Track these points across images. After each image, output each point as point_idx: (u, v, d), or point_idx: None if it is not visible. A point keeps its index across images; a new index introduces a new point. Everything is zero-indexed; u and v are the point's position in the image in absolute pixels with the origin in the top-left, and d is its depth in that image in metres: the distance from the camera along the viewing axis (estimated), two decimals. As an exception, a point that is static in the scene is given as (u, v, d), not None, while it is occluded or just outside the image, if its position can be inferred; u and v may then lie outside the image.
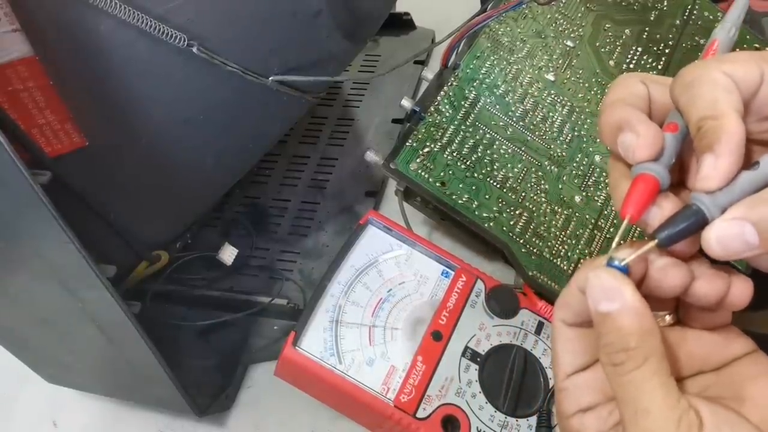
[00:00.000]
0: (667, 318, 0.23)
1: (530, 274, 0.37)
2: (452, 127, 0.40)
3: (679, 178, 0.23)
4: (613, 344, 0.20)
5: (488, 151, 0.39)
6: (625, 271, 0.21)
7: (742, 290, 0.22)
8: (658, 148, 0.21)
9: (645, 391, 0.20)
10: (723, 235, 0.19)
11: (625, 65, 0.45)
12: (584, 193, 0.40)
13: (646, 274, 0.21)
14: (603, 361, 0.21)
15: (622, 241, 0.22)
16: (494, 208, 0.38)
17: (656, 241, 0.21)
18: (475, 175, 0.39)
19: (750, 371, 0.22)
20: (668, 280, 0.21)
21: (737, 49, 0.31)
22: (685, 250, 0.22)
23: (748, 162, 0.20)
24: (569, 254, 0.38)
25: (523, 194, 0.39)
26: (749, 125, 0.21)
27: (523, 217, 0.38)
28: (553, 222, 0.39)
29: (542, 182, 0.40)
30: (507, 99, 0.42)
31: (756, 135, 0.22)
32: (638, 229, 0.38)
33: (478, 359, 0.33)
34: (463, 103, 0.40)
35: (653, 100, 0.23)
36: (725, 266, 0.22)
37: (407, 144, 0.38)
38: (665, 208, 0.21)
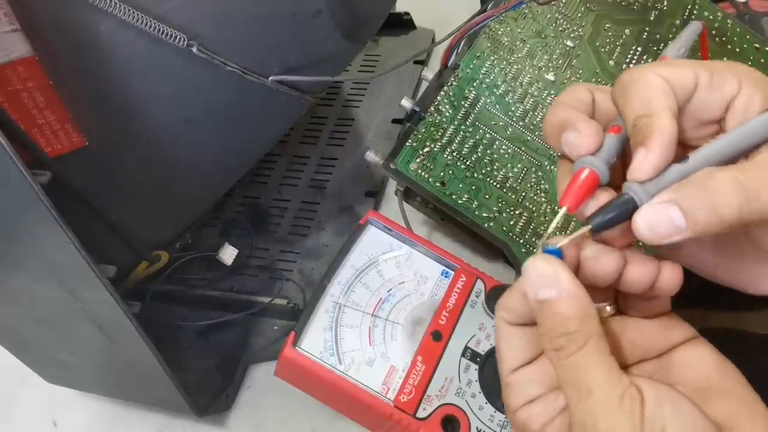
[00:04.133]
0: (608, 309, 0.24)
1: (530, 274, 0.37)
2: (452, 127, 0.40)
3: (621, 181, 0.24)
4: (553, 330, 0.21)
5: (488, 151, 0.39)
6: (559, 254, 0.21)
7: (671, 274, 0.22)
8: (598, 144, 0.22)
9: (588, 371, 0.20)
10: (651, 218, 0.20)
11: (625, 65, 0.45)
12: (584, 193, 0.40)
13: (579, 264, 0.22)
14: (545, 347, 0.21)
15: (555, 233, 0.22)
16: (494, 208, 0.38)
17: (589, 226, 0.21)
18: (475, 175, 0.39)
19: (690, 357, 0.23)
20: (601, 267, 0.22)
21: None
22: (618, 241, 0.22)
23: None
24: (569, 254, 0.38)
25: (523, 194, 0.39)
26: (687, 132, 0.22)
27: (523, 217, 0.38)
28: (553, 222, 0.39)
29: (542, 182, 0.40)
30: (507, 99, 0.42)
31: (694, 141, 0.22)
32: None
33: (478, 359, 0.33)
34: (463, 103, 0.40)
35: (598, 106, 0.24)
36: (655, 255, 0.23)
37: (407, 144, 0.38)
38: (603, 201, 0.22)
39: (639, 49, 0.45)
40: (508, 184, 0.39)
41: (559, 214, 0.22)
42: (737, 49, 0.46)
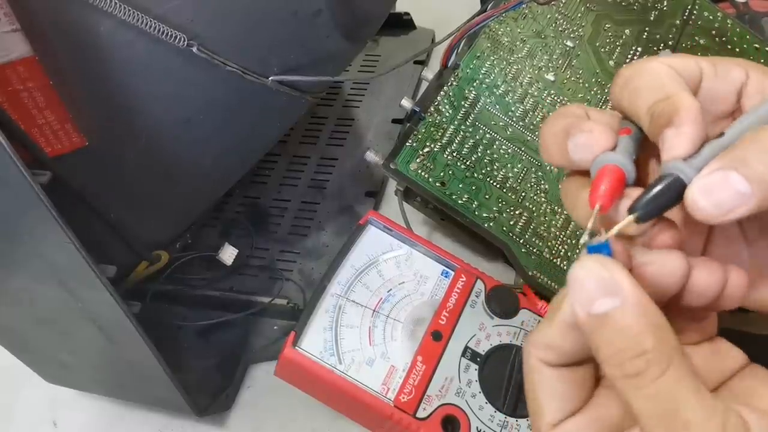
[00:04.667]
0: None
1: (530, 274, 0.37)
2: (452, 127, 0.40)
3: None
4: (624, 351, 0.16)
5: (488, 151, 0.39)
6: (609, 252, 0.18)
7: (740, 279, 0.19)
8: (613, 139, 0.19)
9: (679, 399, 0.16)
10: (710, 187, 0.17)
11: (625, 65, 0.44)
12: (584, 193, 0.40)
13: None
14: (613, 374, 0.17)
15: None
16: (494, 208, 0.38)
17: (636, 214, 0.18)
18: (475, 175, 0.39)
19: (754, 387, 0.19)
20: (666, 272, 0.18)
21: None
22: (660, 239, 0.19)
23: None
24: (569, 254, 0.38)
25: (523, 194, 0.39)
26: None
27: (523, 217, 0.38)
28: (553, 222, 0.39)
29: (542, 182, 0.40)
30: (507, 99, 0.42)
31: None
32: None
33: (478, 359, 0.33)
34: (463, 103, 0.40)
35: (593, 119, 0.21)
36: None
37: (407, 144, 0.38)
38: (634, 197, 0.19)
39: (639, 49, 0.45)
40: (508, 184, 0.39)
41: (592, 218, 0.19)
42: (737, 49, 0.46)
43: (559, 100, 0.42)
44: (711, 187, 0.17)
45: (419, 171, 0.38)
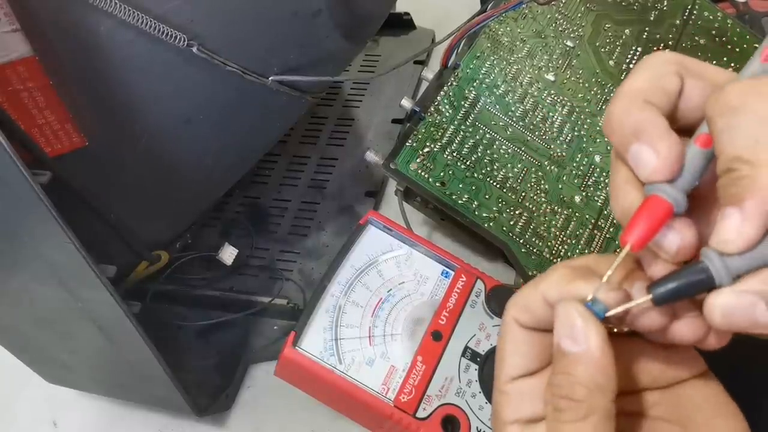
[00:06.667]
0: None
1: (530, 274, 0.37)
2: (452, 127, 0.40)
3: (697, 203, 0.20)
4: (560, 387, 0.19)
5: (488, 151, 0.39)
6: (602, 317, 0.19)
7: (723, 335, 0.19)
8: (676, 172, 0.18)
9: None
10: (731, 307, 0.17)
11: (625, 65, 0.45)
12: (584, 193, 0.40)
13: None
14: (546, 397, 0.20)
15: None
16: (494, 208, 0.38)
17: (651, 296, 0.19)
18: (475, 175, 0.39)
19: (698, 396, 0.21)
20: (645, 322, 0.19)
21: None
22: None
23: None
24: (569, 254, 0.38)
25: (523, 194, 0.39)
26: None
27: (523, 217, 0.38)
28: (553, 222, 0.39)
29: (542, 182, 0.40)
30: (507, 99, 0.42)
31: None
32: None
33: (478, 359, 0.33)
34: (463, 103, 0.41)
35: (686, 97, 0.19)
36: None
37: (407, 144, 0.38)
38: (684, 234, 0.18)
39: (639, 49, 0.45)
40: (508, 184, 0.39)
41: (621, 255, 0.19)
42: (737, 49, 0.46)
43: (559, 100, 0.42)
44: (733, 308, 0.17)
45: (419, 171, 0.38)
